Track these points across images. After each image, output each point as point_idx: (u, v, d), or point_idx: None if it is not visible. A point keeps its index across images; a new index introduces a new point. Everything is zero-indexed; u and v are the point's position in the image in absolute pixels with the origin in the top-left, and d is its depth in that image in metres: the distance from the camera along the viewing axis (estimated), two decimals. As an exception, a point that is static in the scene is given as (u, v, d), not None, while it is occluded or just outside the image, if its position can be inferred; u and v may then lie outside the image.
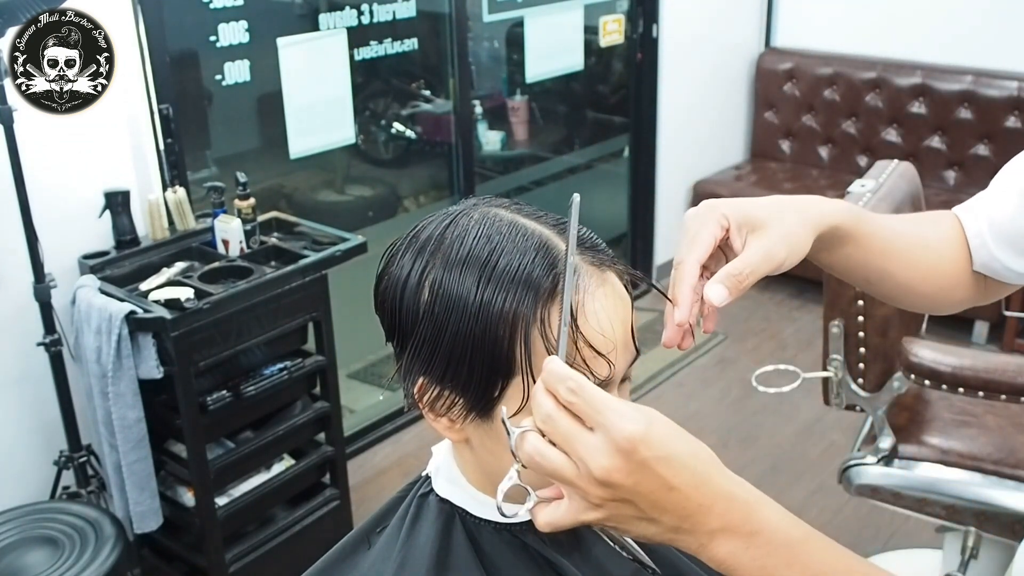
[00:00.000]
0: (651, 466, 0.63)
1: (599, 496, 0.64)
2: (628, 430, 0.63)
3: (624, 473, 0.63)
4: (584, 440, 0.64)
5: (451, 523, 0.84)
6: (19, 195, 2.08)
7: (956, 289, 1.07)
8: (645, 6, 3.97)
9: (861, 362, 1.98)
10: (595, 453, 0.63)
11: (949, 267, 1.06)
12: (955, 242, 1.07)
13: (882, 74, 4.21)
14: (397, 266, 0.78)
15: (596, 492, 0.64)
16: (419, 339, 0.76)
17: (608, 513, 0.66)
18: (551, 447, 0.65)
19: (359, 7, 2.98)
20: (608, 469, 0.63)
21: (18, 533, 2.07)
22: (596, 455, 0.63)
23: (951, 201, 4.29)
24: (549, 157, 4.22)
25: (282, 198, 3.29)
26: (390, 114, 3.64)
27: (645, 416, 0.65)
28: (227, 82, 2.73)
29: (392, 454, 3.21)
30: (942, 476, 1.95)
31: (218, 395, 2.30)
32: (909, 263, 1.03)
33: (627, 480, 0.63)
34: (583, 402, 0.64)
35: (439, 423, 0.79)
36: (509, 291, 0.73)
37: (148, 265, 2.36)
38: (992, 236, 1.04)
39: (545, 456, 0.65)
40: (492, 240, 0.75)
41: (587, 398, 0.64)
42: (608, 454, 0.63)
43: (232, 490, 2.42)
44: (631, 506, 0.65)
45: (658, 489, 0.64)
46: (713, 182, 4.38)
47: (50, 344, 2.22)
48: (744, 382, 3.53)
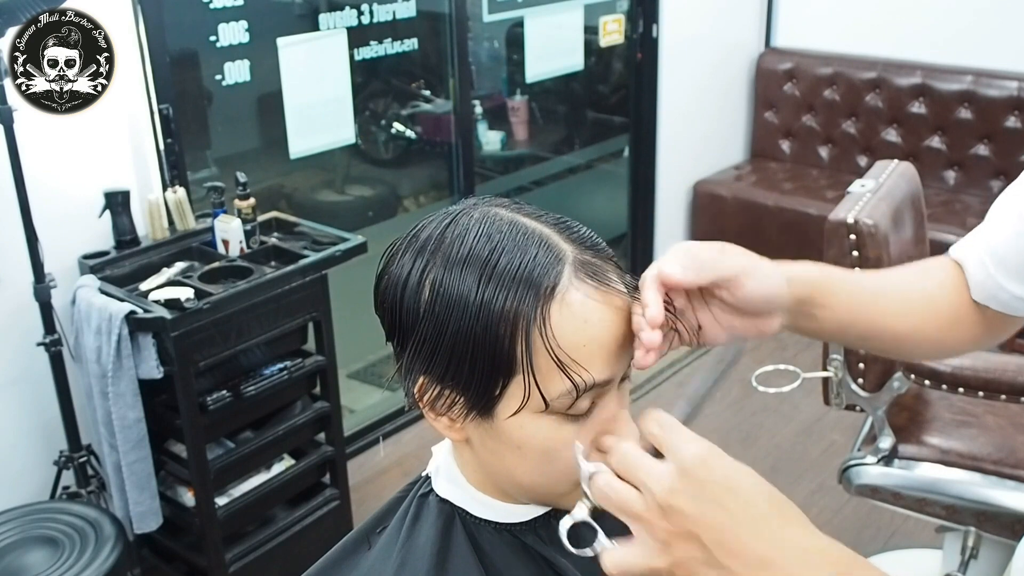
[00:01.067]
0: (713, 491, 0.62)
1: (665, 530, 0.63)
2: (691, 451, 0.64)
3: (687, 496, 0.62)
4: (648, 466, 0.64)
5: (451, 523, 0.84)
6: (19, 195, 2.08)
7: (955, 329, 1.03)
8: (645, 6, 3.96)
9: (861, 362, 1.98)
10: (660, 475, 0.63)
11: (944, 308, 1.02)
12: (948, 282, 1.03)
13: (882, 74, 4.21)
14: (397, 265, 0.78)
15: (662, 524, 0.63)
16: (420, 338, 0.76)
17: (678, 555, 0.63)
18: (621, 481, 0.66)
19: (359, 7, 2.98)
20: (671, 490, 0.63)
21: (18, 533, 2.07)
22: (659, 478, 0.63)
23: (951, 201, 4.28)
24: (549, 157, 4.22)
25: (282, 198, 3.29)
26: (390, 114, 3.64)
27: (710, 444, 0.65)
28: (227, 82, 2.72)
29: (392, 454, 3.21)
30: (942, 476, 1.95)
31: (218, 395, 2.30)
32: (899, 312, 1.00)
33: (690, 506, 0.62)
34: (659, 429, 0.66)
35: (439, 422, 0.79)
36: (510, 290, 0.73)
37: (148, 265, 2.36)
38: (995, 265, 0.99)
39: (614, 489, 0.66)
40: (493, 239, 0.75)
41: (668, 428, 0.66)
42: (672, 475, 0.63)
43: (232, 490, 2.42)
44: (698, 545, 0.62)
45: (723, 522, 0.62)
46: (713, 182, 4.38)
47: (50, 344, 2.22)
48: (744, 382, 3.52)
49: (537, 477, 0.77)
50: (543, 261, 0.74)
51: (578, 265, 0.75)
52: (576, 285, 0.74)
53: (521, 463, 0.77)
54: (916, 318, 1.01)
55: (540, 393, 0.73)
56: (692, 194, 4.40)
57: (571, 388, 0.73)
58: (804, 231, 4.01)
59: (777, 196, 4.17)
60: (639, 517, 0.64)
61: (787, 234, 4.11)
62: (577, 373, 0.73)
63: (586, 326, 0.74)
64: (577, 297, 0.74)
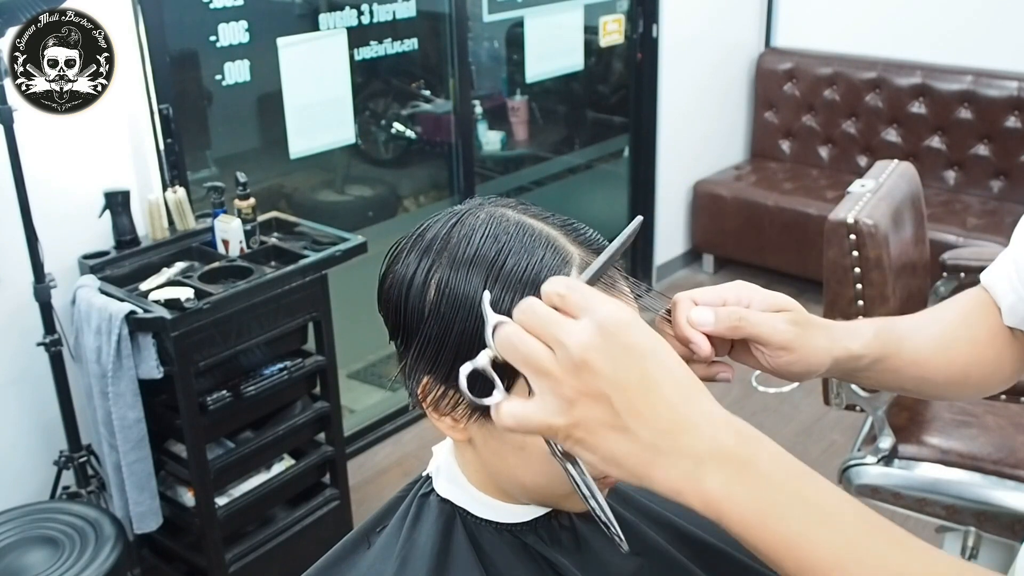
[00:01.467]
0: (633, 355, 0.58)
1: (573, 387, 0.58)
2: (615, 312, 0.58)
3: (604, 355, 0.57)
4: (565, 323, 0.59)
5: (452, 523, 0.84)
6: (19, 195, 2.07)
7: (1000, 366, 0.99)
8: (645, 6, 3.97)
9: (861, 362, 1.98)
10: (574, 332, 0.58)
11: (986, 349, 0.98)
12: (984, 318, 0.99)
13: (882, 74, 4.21)
14: (402, 265, 0.78)
15: (570, 382, 0.58)
16: (424, 338, 0.76)
17: (580, 414, 0.58)
18: (530, 335, 0.59)
19: (359, 7, 2.98)
20: (587, 347, 0.57)
21: (18, 533, 2.06)
22: (575, 334, 0.58)
23: (951, 201, 4.28)
24: (549, 157, 4.22)
25: (282, 198, 3.29)
26: (390, 114, 3.64)
27: (635, 313, 0.61)
28: (227, 82, 2.72)
29: (392, 454, 3.21)
30: (942, 476, 1.95)
31: (218, 395, 2.30)
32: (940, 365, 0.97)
33: (606, 365, 0.57)
34: (578, 294, 0.60)
35: (443, 423, 0.79)
36: (516, 291, 0.72)
37: (148, 265, 2.36)
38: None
39: (523, 341, 0.59)
40: (499, 240, 0.74)
41: (582, 290, 0.60)
42: (590, 332, 0.57)
43: (232, 490, 2.41)
44: (606, 406, 0.58)
45: (638, 384, 0.57)
46: (713, 182, 4.38)
47: (50, 344, 2.22)
48: (744, 382, 3.53)
49: (539, 477, 0.77)
50: (550, 263, 0.74)
51: (584, 267, 0.75)
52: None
53: (524, 463, 0.77)
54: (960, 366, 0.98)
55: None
56: (692, 194, 4.40)
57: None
58: (804, 231, 4.01)
59: (777, 196, 4.17)
60: (547, 373, 0.58)
61: (787, 234, 4.11)
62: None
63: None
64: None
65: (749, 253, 4.32)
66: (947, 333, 0.99)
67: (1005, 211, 3.90)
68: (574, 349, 0.57)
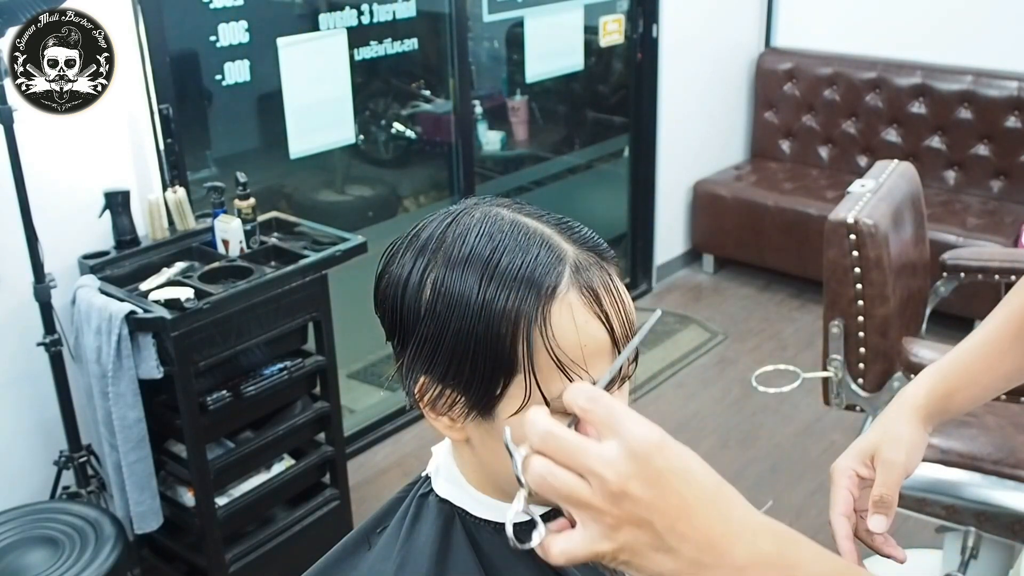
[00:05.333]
0: (669, 478, 0.59)
1: (615, 516, 0.59)
2: (646, 435, 0.59)
3: (641, 482, 0.58)
4: (596, 451, 0.59)
5: (451, 523, 0.84)
6: (19, 195, 2.08)
7: None
8: (645, 6, 3.97)
9: (861, 362, 1.98)
10: (611, 461, 0.59)
11: None
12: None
13: (882, 74, 4.21)
14: (398, 265, 0.78)
15: (612, 511, 0.59)
16: (421, 338, 0.76)
17: (624, 540, 0.60)
18: (561, 468, 0.60)
19: (359, 7, 2.98)
20: (625, 476, 0.58)
21: (18, 533, 2.07)
22: (612, 463, 0.59)
23: (951, 201, 4.29)
24: (549, 157, 4.22)
25: (282, 198, 3.29)
26: (390, 114, 3.64)
27: (661, 430, 0.62)
28: (227, 82, 2.73)
29: (392, 454, 3.21)
30: (942, 476, 1.95)
31: (218, 395, 2.30)
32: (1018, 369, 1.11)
33: (645, 492, 0.59)
34: (602, 408, 0.61)
35: (440, 422, 0.79)
36: (512, 289, 0.73)
37: (148, 265, 2.36)
38: None
39: (556, 477, 0.60)
40: (494, 239, 0.75)
41: (606, 404, 0.61)
42: (625, 460, 0.59)
43: (232, 490, 2.42)
44: (649, 531, 0.59)
45: (677, 507, 0.59)
46: (713, 182, 4.38)
47: (50, 344, 2.22)
48: (744, 382, 3.53)
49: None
50: (544, 261, 0.74)
51: (579, 265, 0.75)
52: (577, 286, 0.74)
53: (521, 463, 0.77)
54: None
55: (541, 393, 0.74)
56: (692, 194, 4.40)
57: (571, 388, 0.73)
58: (804, 231, 4.01)
59: (777, 196, 4.18)
60: (587, 505, 0.60)
61: (787, 234, 4.11)
62: (577, 373, 0.73)
63: (586, 326, 0.74)
64: (578, 298, 0.74)
65: (749, 253, 4.32)
66: (993, 331, 1.13)
67: (1005, 211, 3.91)
68: (611, 480, 0.58)
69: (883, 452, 1.03)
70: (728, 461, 3.07)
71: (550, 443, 0.61)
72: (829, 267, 1.96)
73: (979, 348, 1.13)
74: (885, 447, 1.03)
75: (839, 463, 1.05)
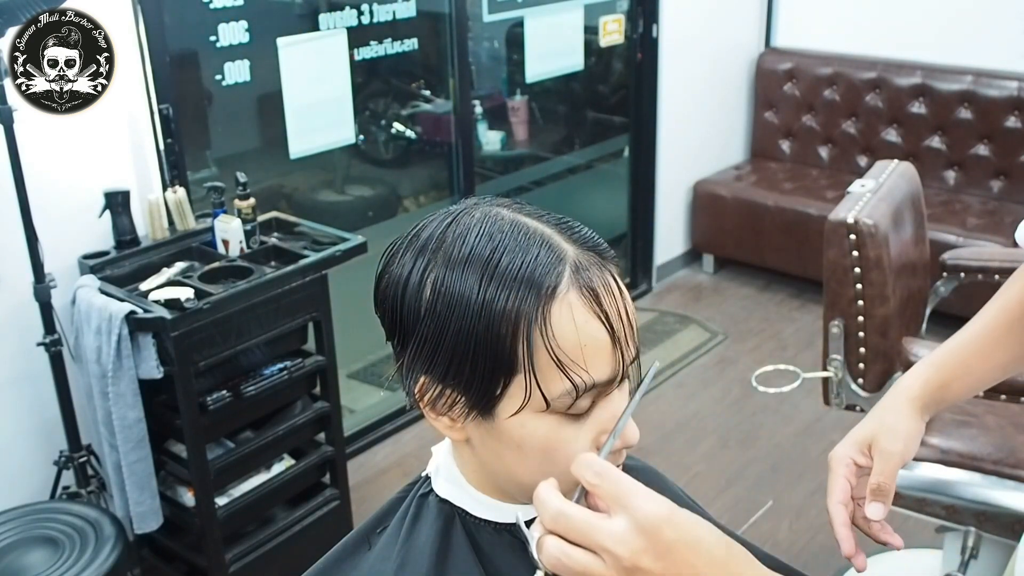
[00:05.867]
0: (680, 549, 0.62)
1: None
2: (653, 510, 0.62)
3: (653, 556, 0.61)
4: (607, 528, 0.62)
5: (451, 523, 0.84)
6: (19, 195, 2.08)
7: None
8: (645, 6, 3.97)
9: (861, 362, 1.98)
10: (622, 538, 0.61)
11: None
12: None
13: (882, 74, 4.21)
14: (398, 265, 0.78)
15: None
16: (421, 338, 0.76)
17: None
18: (575, 547, 0.63)
19: (359, 7, 2.98)
20: (637, 551, 0.61)
21: (18, 533, 2.07)
22: (623, 539, 0.61)
23: (951, 201, 4.27)
24: (549, 157, 4.22)
25: (282, 198, 3.29)
26: (390, 114, 3.64)
27: (668, 501, 0.64)
28: (227, 82, 2.73)
29: (392, 454, 3.21)
30: (942, 476, 1.94)
31: (218, 395, 2.30)
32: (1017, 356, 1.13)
33: (656, 565, 0.61)
34: (609, 483, 0.63)
35: (440, 422, 0.79)
36: (512, 289, 0.73)
37: (148, 265, 2.36)
38: None
39: (571, 556, 0.63)
40: (494, 239, 0.75)
41: (613, 479, 0.63)
42: (635, 536, 0.61)
43: (232, 490, 2.42)
44: None
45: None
46: (713, 182, 4.38)
47: (50, 344, 2.22)
48: (744, 382, 3.53)
49: (538, 476, 0.77)
50: (544, 261, 0.74)
51: (579, 265, 0.75)
52: (577, 286, 0.74)
53: (521, 462, 0.77)
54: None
55: (541, 393, 0.74)
56: (692, 194, 4.40)
57: (571, 388, 0.73)
58: (804, 231, 4.01)
59: (777, 196, 4.18)
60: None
61: (787, 234, 4.11)
62: (577, 373, 0.73)
63: (586, 326, 0.74)
64: (578, 297, 0.74)
65: (749, 253, 4.32)
66: (987, 321, 1.14)
67: (1005, 211, 3.90)
68: (624, 556, 0.61)
69: (880, 442, 1.05)
70: (728, 461, 3.07)
71: (561, 522, 0.63)
72: (829, 267, 1.96)
73: (974, 339, 1.14)
74: (882, 437, 1.05)
75: (837, 451, 1.07)
